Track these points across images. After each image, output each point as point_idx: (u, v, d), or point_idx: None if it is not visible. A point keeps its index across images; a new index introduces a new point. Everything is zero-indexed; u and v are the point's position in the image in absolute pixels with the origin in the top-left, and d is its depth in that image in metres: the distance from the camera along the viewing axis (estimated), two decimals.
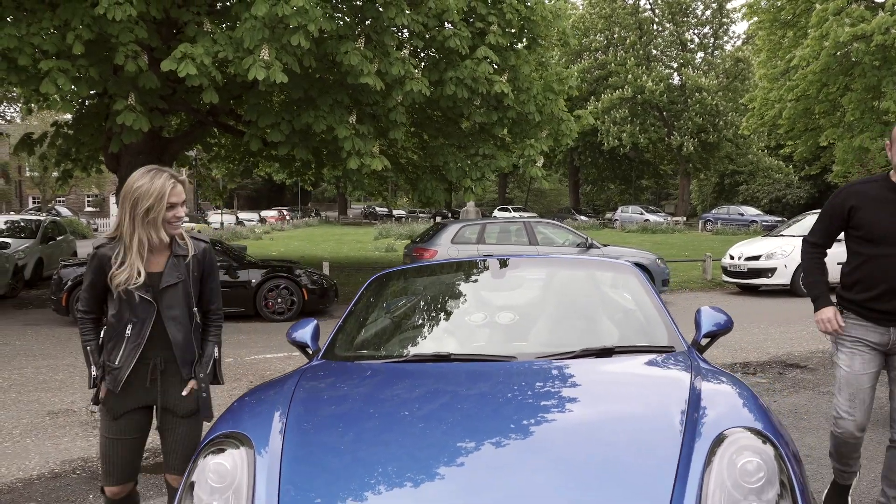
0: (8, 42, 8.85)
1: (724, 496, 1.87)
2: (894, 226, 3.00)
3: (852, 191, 3.14)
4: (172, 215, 2.66)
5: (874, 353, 3.14)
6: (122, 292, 2.62)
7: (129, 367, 2.65)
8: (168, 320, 2.68)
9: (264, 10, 8.80)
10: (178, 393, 2.74)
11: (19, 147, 14.36)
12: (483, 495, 1.94)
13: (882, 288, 3.04)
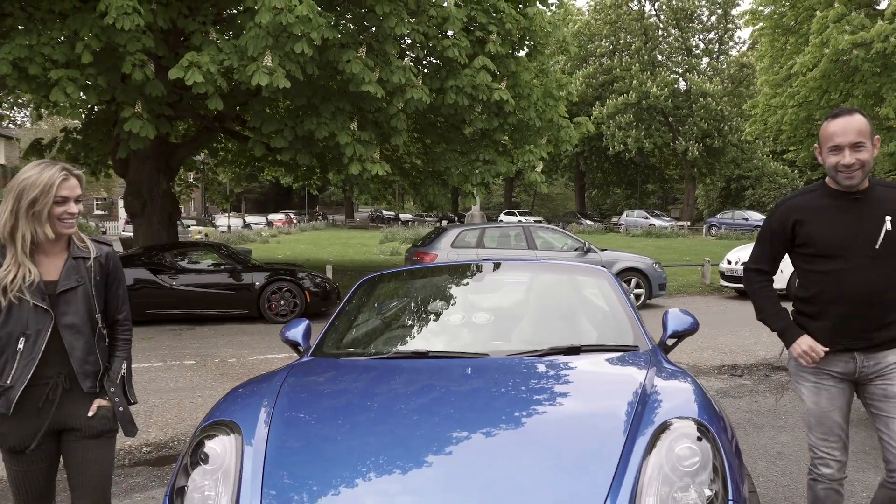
0: (19, 52, 9.13)
1: (661, 478, 2.07)
2: (845, 233, 2.68)
3: (791, 205, 2.81)
4: (63, 211, 2.40)
5: (843, 384, 2.78)
6: (14, 298, 2.35)
7: (21, 386, 2.36)
8: (64, 329, 2.41)
9: (268, 19, 9.05)
10: (84, 412, 2.48)
11: (30, 152, 14.67)
12: (438, 477, 2.16)
13: (843, 307, 2.68)
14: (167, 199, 13.88)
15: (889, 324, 2.70)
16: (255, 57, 9.35)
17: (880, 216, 2.67)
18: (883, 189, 2.73)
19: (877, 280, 2.66)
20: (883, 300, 2.67)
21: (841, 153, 2.62)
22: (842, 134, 2.61)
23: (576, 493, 2.04)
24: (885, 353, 2.72)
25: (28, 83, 9.54)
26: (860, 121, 2.62)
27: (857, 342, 2.71)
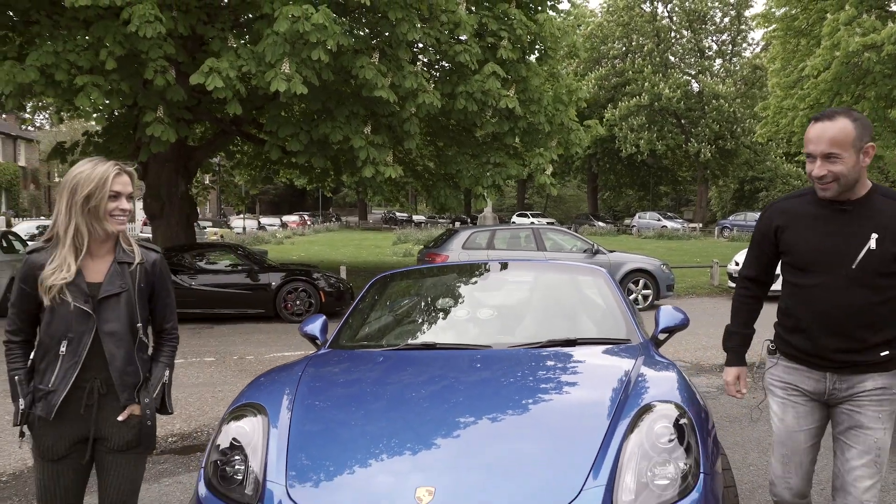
0: (46, 58, 9.48)
1: (641, 454, 2.33)
2: (823, 247, 2.42)
3: (777, 208, 2.60)
4: (115, 206, 2.36)
5: (812, 403, 2.56)
6: (56, 300, 2.29)
7: (64, 390, 2.31)
8: (105, 336, 2.35)
9: (285, 27, 9.35)
10: (115, 419, 2.42)
11: (52, 155, 15.07)
12: (445, 457, 2.43)
13: (815, 326, 2.46)
14: (185, 201, 14.22)
15: (866, 348, 2.41)
16: (272, 63, 9.64)
17: (866, 232, 2.36)
18: (881, 200, 2.40)
19: (850, 302, 2.38)
20: (858, 323, 2.39)
21: (813, 162, 2.37)
22: (815, 141, 2.35)
23: (563, 469, 2.30)
24: (862, 378, 2.43)
25: (54, 89, 9.89)
26: (839, 128, 2.31)
27: (829, 362, 2.47)
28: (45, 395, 2.33)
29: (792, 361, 2.58)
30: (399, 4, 10.16)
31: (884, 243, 2.34)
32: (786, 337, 2.59)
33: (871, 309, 2.37)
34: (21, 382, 2.35)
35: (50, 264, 2.32)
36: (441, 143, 15.47)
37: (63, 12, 10.32)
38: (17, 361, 2.38)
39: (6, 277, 11.65)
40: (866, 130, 2.34)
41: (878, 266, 2.35)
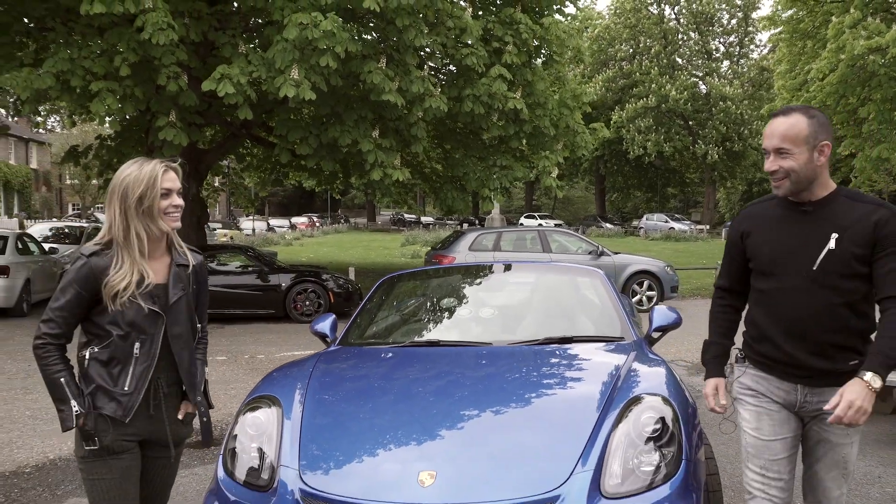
0: (62, 65, 9.72)
1: (627, 442, 2.51)
2: (784, 249, 2.39)
3: (745, 214, 2.59)
4: (168, 204, 2.36)
5: (786, 412, 2.46)
6: (125, 304, 2.28)
7: (141, 391, 2.31)
8: (173, 339, 2.39)
9: (295, 34, 9.55)
10: (174, 418, 2.48)
11: (66, 158, 15.34)
12: (448, 447, 2.61)
13: (779, 331, 2.40)
14: (196, 203, 14.44)
15: (832, 355, 2.35)
16: (282, 69, 9.85)
17: (826, 233, 2.33)
18: (845, 202, 2.36)
19: (812, 305, 2.33)
20: (821, 327, 2.34)
21: (767, 158, 2.38)
22: (768, 136, 2.36)
23: (555, 457, 2.49)
24: (831, 391, 2.30)
25: (69, 94, 10.13)
26: (791, 123, 2.31)
27: (797, 371, 2.40)
28: (118, 396, 2.29)
29: (761, 370, 2.48)
30: (406, 11, 10.35)
31: (843, 243, 2.29)
32: (753, 345, 2.50)
33: (833, 311, 2.31)
34: (69, 384, 2.26)
35: (115, 269, 2.28)
36: (448, 146, 15.66)
37: (77, 19, 10.56)
38: (57, 363, 2.28)
39: (22, 278, 11.90)
40: (823, 128, 2.31)
41: (839, 267, 2.30)
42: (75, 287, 2.28)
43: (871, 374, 2.17)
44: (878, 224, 2.28)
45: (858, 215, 2.31)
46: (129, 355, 2.30)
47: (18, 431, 5.62)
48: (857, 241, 2.29)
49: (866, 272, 2.32)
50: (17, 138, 39.67)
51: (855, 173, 23.18)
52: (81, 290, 2.27)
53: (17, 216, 35.70)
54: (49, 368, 2.27)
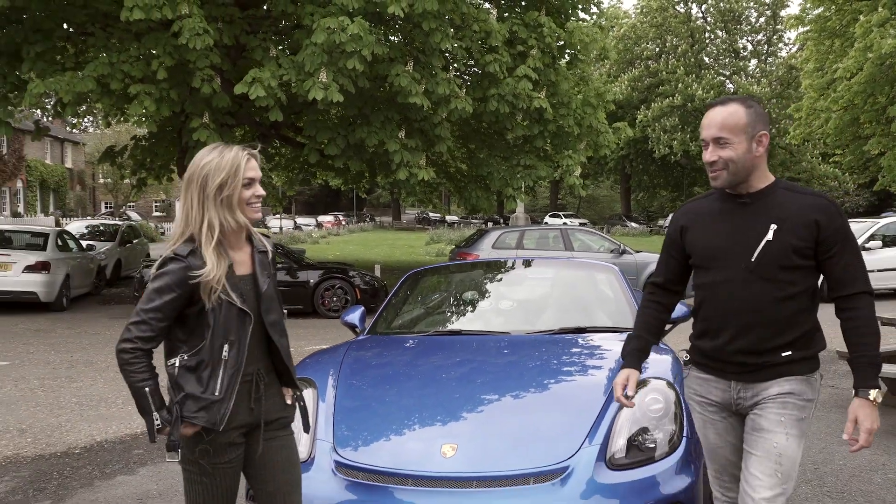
0: (102, 69, 10.12)
1: (632, 420, 2.75)
2: (723, 241, 2.35)
3: (684, 209, 2.55)
4: (251, 194, 2.24)
5: (731, 418, 2.42)
6: (218, 300, 2.18)
7: (232, 396, 2.21)
8: (270, 327, 2.30)
9: (323, 38, 9.86)
10: (278, 406, 2.40)
11: (103, 158, 15.85)
12: (470, 426, 2.87)
13: (716, 326, 2.35)
14: None
15: (768, 349, 2.29)
16: (311, 73, 10.16)
17: (765, 224, 2.29)
18: (784, 193, 2.33)
19: (749, 297, 2.28)
20: (759, 321, 2.28)
21: (706, 148, 2.33)
22: (706, 126, 2.32)
23: (566, 434, 2.75)
24: (766, 385, 2.30)
25: (109, 97, 10.54)
26: (729, 112, 2.28)
27: (731, 367, 2.35)
28: (209, 404, 2.18)
29: (701, 371, 2.45)
30: (433, 15, 10.61)
31: (782, 234, 2.25)
32: (696, 343, 2.46)
33: (772, 305, 2.26)
34: (153, 394, 2.16)
35: (204, 264, 2.16)
36: (473, 146, 15.91)
37: (115, 25, 10.97)
38: (144, 371, 2.16)
39: (62, 274, 12.36)
40: (761, 119, 2.29)
41: (778, 258, 2.25)
42: (175, 289, 2.16)
43: (875, 391, 2.18)
44: (821, 223, 2.24)
45: (797, 207, 2.27)
46: (218, 359, 2.20)
47: (66, 416, 5.97)
48: (797, 234, 2.24)
49: (806, 265, 2.28)
50: (52, 138, 40.63)
51: (883, 172, 23.04)
52: (180, 292, 2.16)
53: (53, 214, 36.61)
54: (135, 376, 2.15)
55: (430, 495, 2.55)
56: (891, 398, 5.78)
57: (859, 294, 2.26)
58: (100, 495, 4.27)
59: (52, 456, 5.00)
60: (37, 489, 4.37)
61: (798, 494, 4.00)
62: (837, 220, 2.26)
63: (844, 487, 4.09)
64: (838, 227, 2.26)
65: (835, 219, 2.26)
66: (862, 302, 2.26)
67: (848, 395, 6.29)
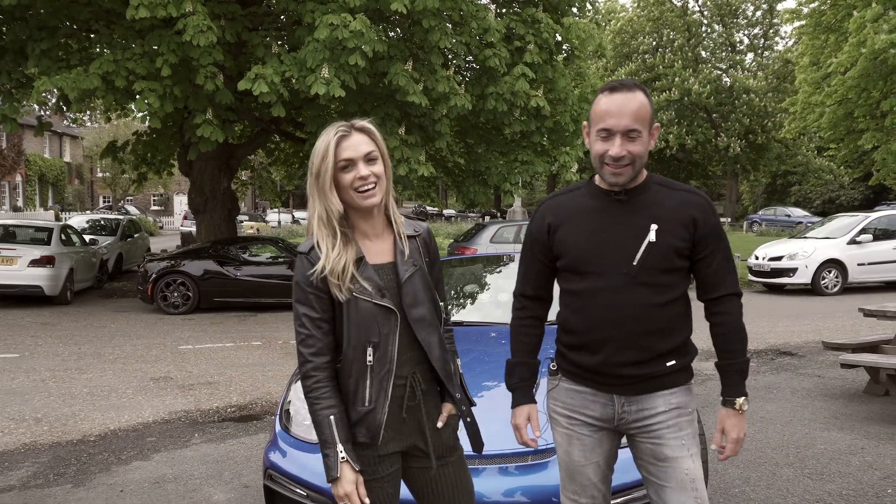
0: (107, 66, 10.30)
1: None
2: (600, 243, 2.10)
3: (549, 205, 2.26)
4: (353, 177, 1.96)
5: (602, 433, 2.19)
6: (352, 294, 1.93)
7: (385, 404, 1.94)
8: (416, 323, 1.99)
9: (325, 34, 10.03)
10: (434, 421, 2.07)
11: (105, 153, 16.01)
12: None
13: (597, 338, 2.12)
14: (227, 196, 15.02)
15: (651, 359, 2.10)
16: (313, 68, 10.34)
17: (645, 224, 2.08)
18: (659, 189, 2.14)
19: (631, 304, 2.07)
20: (643, 329, 2.08)
21: (611, 140, 2.04)
22: (616, 115, 2.02)
23: None
24: (651, 398, 2.12)
25: (114, 94, 10.71)
26: (641, 101, 2.03)
27: (615, 380, 2.13)
28: (362, 416, 1.94)
29: (575, 382, 2.20)
30: (432, 12, 10.78)
31: (663, 235, 2.06)
32: (568, 355, 2.22)
33: (655, 312, 2.08)
34: (339, 422, 1.91)
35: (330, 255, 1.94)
36: (471, 141, 16.09)
37: (119, 22, 11.13)
38: (328, 398, 1.93)
39: (66, 268, 12.55)
40: (653, 110, 2.11)
41: (660, 261, 2.07)
42: (307, 290, 1.95)
43: (741, 399, 2.09)
44: (697, 221, 2.09)
45: (674, 204, 2.10)
46: (362, 365, 1.94)
47: (80, 406, 6.19)
48: (677, 233, 2.08)
49: (683, 266, 2.12)
50: (51, 132, 40.69)
51: (877, 166, 23.29)
52: (317, 292, 1.94)
53: (51, 208, 36.75)
54: (319, 403, 1.92)
55: None
56: (872, 387, 6.01)
57: (728, 296, 2.14)
58: (118, 479, 4.48)
59: (69, 443, 5.22)
60: (57, 474, 4.59)
61: (780, 476, 4.23)
62: (712, 218, 2.13)
63: (824, 469, 4.32)
64: (713, 225, 2.12)
65: (710, 216, 2.12)
66: (731, 305, 2.14)
67: (833, 384, 6.54)
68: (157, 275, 11.61)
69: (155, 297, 11.58)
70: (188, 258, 12.03)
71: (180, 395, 6.52)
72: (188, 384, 6.94)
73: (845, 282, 13.65)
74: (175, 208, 50.43)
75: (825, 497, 3.91)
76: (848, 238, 13.93)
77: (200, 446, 5.10)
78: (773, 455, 4.59)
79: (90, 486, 4.38)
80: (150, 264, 11.89)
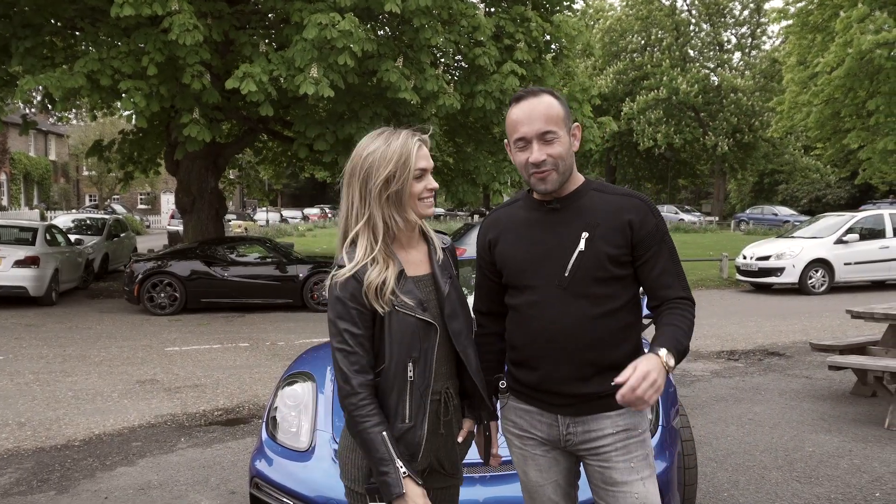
0: (92, 65, 10.19)
1: None
2: (533, 255, 2.04)
3: (490, 219, 2.22)
4: (423, 187, 1.94)
5: (554, 451, 2.12)
6: (391, 313, 1.87)
7: (424, 421, 1.91)
8: (455, 335, 1.96)
9: (314, 34, 9.96)
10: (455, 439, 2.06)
11: (91, 152, 15.87)
12: None
13: (535, 355, 2.05)
14: (214, 195, 14.93)
15: (593, 376, 2.00)
16: (301, 68, 10.27)
17: (576, 232, 2.00)
18: (595, 195, 2.06)
19: (567, 318, 1.98)
20: (579, 344, 1.98)
21: (528, 148, 2.00)
22: (526, 122, 1.99)
23: None
24: (597, 419, 2.03)
25: (99, 93, 10.61)
26: (549, 103, 1.99)
27: (558, 399, 2.04)
28: (402, 433, 1.90)
29: (522, 401, 2.13)
30: (423, 11, 10.73)
31: (595, 242, 1.97)
32: (513, 372, 2.15)
33: (591, 324, 1.98)
34: (388, 441, 1.84)
35: (371, 268, 1.87)
36: (460, 140, 16.07)
37: (104, 20, 11.02)
38: (376, 414, 1.87)
39: (51, 268, 12.43)
40: (568, 111, 2.05)
41: (592, 270, 1.97)
42: (350, 305, 1.87)
43: (665, 350, 1.82)
44: (634, 223, 1.99)
45: (609, 209, 2.01)
46: (403, 381, 1.89)
47: (64, 410, 6.11)
48: (610, 240, 1.98)
49: (624, 275, 2.01)
50: (36, 130, 40.27)
51: (864, 165, 23.45)
52: (358, 307, 1.87)
53: (37, 207, 36.42)
54: (368, 421, 1.85)
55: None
56: (859, 388, 6.03)
57: (678, 300, 2.00)
58: (102, 486, 4.42)
59: (53, 448, 5.15)
60: (40, 480, 4.52)
61: (768, 479, 4.22)
62: (651, 220, 2.01)
63: (812, 473, 4.32)
64: (653, 227, 2.00)
65: (649, 218, 2.01)
66: (682, 304, 1.99)
67: (821, 384, 6.56)
68: (143, 275, 11.51)
69: (141, 297, 11.49)
70: (175, 258, 11.94)
71: (166, 399, 6.46)
72: (174, 387, 6.87)
73: (832, 281, 13.72)
74: (162, 207, 50.13)
75: (814, 501, 3.91)
76: (835, 238, 14.01)
77: (186, 451, 5.05)
78: (761, 458, 4.59)
79: (74, 492, 4.32)
80: (137, 265, 11.80)
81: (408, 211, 1.93)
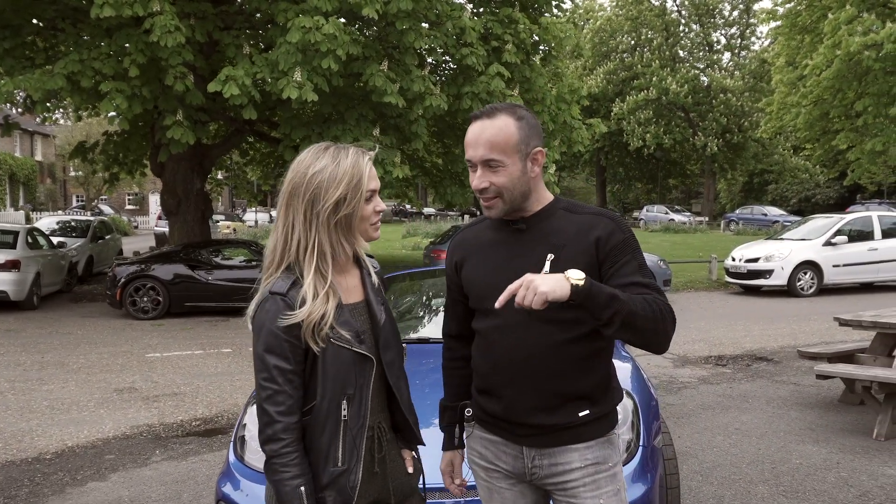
0: (72, 66, 10.03)
1: None
2: (497, 279, 1.87)
3: (457, 240, 2.12)
4: (372, 210, 1.80)
5: (521, 485, 2.01)
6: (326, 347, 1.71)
7: (359, 464, 1.76)
8: (389, 368, 1.84)
9: (298, 37, 9.84)
10: (401, 471, 1.92)
11: (74, 154, 15.68)
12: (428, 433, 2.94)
13: (499, 383, 1.94)
14: (200, 197, 14.76)
15: (559, 406, 1.89)
16: (285, 71, 10.14)
17: (542, 255, 1.87)
18: (563, 215, 1.95)
19: (532, 344, 1.88)
20: (545, 372, 1.88)
21: (475, 172, 1.90)
22: (472, 145, 1.88)
23: None
24: (564, 453, 1.91)
25: (80, 94, 10.44)
26: (498, 128, 1.85)
27: (522, 430, 1.93)
28: (334, 478, 1.73)
29: (487, 430, 2.03)
30: (406, 13, 10.62)
31: (560, 264, 1.80)
32: (478, 400, 2.03)
33: (557, 351, 1.86)
34: (311, 495, 1.70)
35: (305, 299, 1.70)
36: (448, 142, 15.96)
37: (85, 20, 10.86)
38: (299, 464, 1.70)
39: (33, 272, 12.24)
40: (534, 132, 1.89)
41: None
42: (284, 339, 1.69)
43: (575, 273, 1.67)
44: (601, 240, 1.87)
45: (575, 229, 1.89)
46: (336, 420, 1.74)
47: (37, 420, 5.97)
48: (577, 261, 1.82)
49: None
50: (21, 131, 39.87)
51: (852, 166, 23.50)
52: (293, 340, 1.70)
53: (22, 208, 36.08)
54: (287, 471, 1.69)
55: None
56: (847, 396, 5.96)
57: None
58: (71, 502, 4.30)
59: (23, 462, 5.01)
60: (7, 497, 4.39)
61: (754, 494, 4.13)
62: (619, 235, 1.88)
63: (799, 487, 4.23)
64: (619, 242, 1.87)
65: (616, 234, 1.88)
66: (652, 295, 1.81)
67: (808, 392, 6.49)
68: (126, 279, 11.35)
69: (124, 302, 11.33)
70: (158, 262, 11.78)
71: (143, 408, 6.32)
72: (153, 395, 6.74)
73: (821, 283, 13.69)
74: (150, 207, 49.82)
75: None
76: (823, 240, 13.98)
77: (161, 464, 4.92)
78: (747, 471, 4.50)
79: None
80: (119, 268, 11.64)
81: (356, 235, 1.80)
